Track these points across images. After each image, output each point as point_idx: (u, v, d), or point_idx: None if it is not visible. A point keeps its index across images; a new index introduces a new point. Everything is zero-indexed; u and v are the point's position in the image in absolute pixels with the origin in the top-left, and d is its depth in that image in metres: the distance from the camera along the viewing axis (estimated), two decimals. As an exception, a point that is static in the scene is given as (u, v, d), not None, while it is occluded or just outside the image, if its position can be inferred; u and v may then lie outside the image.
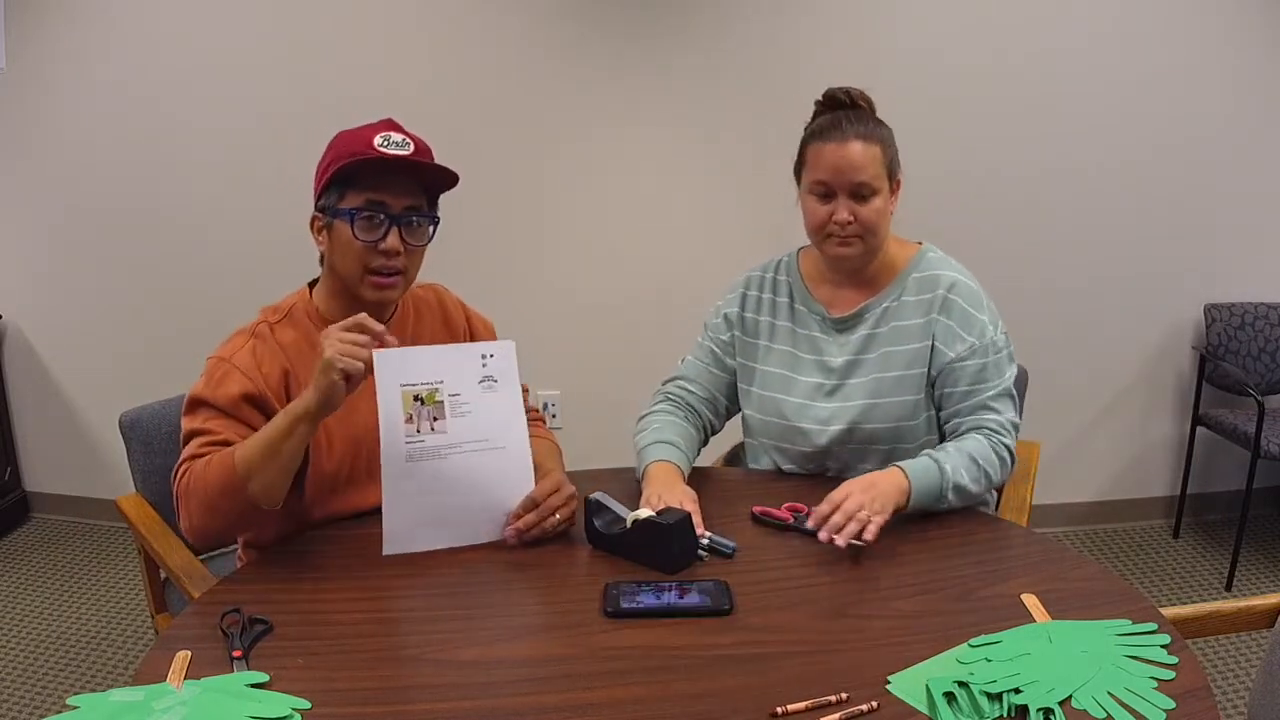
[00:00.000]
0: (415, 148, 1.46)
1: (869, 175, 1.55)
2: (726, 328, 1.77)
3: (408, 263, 1.49)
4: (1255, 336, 3.04)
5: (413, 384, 1.41)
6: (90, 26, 3.00)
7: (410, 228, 1.48)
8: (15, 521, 3.37)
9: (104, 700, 1.05)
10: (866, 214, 1.57)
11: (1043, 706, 1.01)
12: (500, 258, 3.08)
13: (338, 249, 1.48)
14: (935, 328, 1.62)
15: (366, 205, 1.44)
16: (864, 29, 2.92)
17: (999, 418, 1.60)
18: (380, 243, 1.45)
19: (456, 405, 1.42)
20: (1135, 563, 3.04)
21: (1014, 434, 1.62)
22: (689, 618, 1.23)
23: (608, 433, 3.18)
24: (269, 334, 1.51)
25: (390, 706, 1.06)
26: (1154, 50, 2.94)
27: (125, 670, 2.53)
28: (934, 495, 1.50)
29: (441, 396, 1.42)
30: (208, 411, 1.44)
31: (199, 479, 1.38)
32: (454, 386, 1.43)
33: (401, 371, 1.40)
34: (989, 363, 1.61)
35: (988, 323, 1.62)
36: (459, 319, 1.68)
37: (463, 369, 1.44)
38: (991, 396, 1.61)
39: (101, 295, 3.22)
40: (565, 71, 2.96)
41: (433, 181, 1.51)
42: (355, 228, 1.44)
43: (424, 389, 1.41)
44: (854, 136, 1.56)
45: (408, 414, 1.40)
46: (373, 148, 1.43)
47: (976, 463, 1.54)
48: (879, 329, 1.64)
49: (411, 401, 1.40)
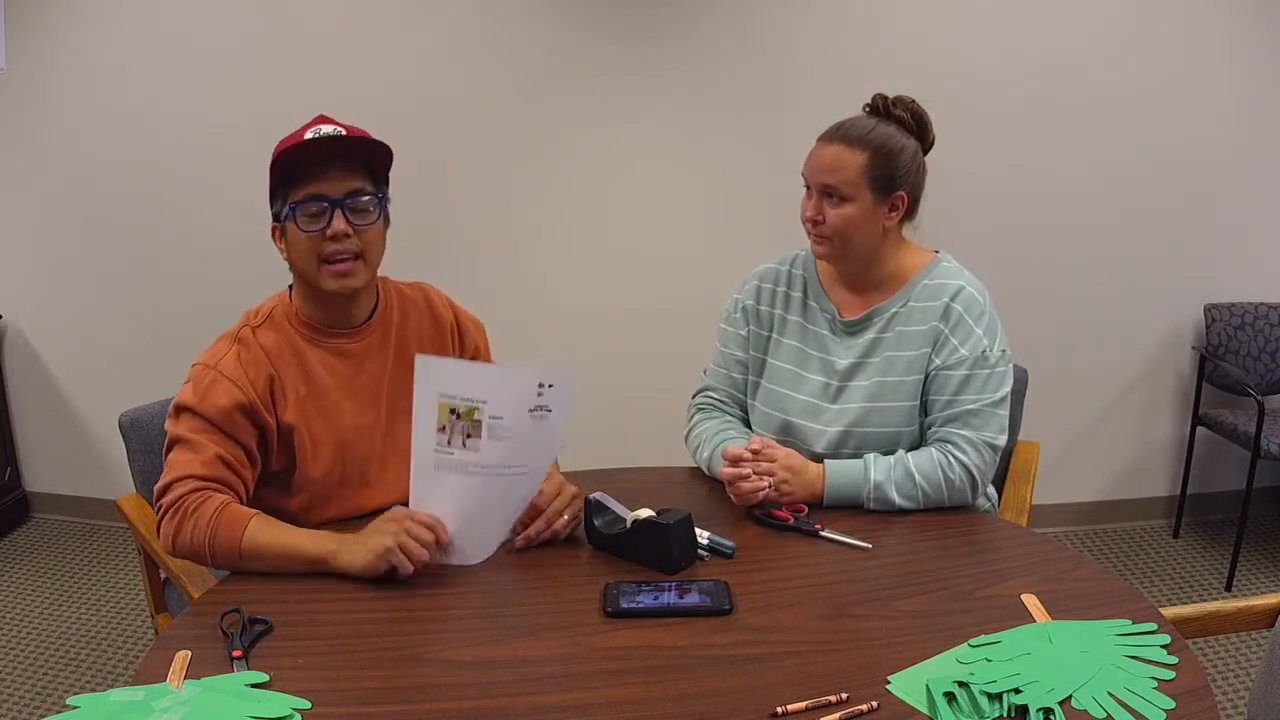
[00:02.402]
0: (346, 133, 1.44)
1: (837, 179, 1.55)
2: (744, 322, 1.77)
3: (363, 245, 1.46)
4: (1255, 336, 3.04)
5: (451, 396, 1.34)
6: (90, 27, 3.00)
7: (355, 210, 1.45)
8: (15, 521, 3.37)
9: (104, 700, 1.05)
10: (832, 217, 1.57)
11: (1043, 706, 1.01)
12: (499, 258, 3.08)
13: (293, 249, 1.47)
14: (936, 334, 1.61)
15: (304, 198, 1.43)
16: (865, 29, 2.92)
17: (970, 434, 1.56)
18: (326, 229, 1.43)
19: (497, 428, 1.35)
20: (1135, 563, 3.04)
21: (986, 454, 1.56)
22: (689, 618, 1.23)
23: (608, 433, 3.18)
24: (252, 338, 1.50)
25: (390, 706, 1.06)
26: (1154, 50, 2.94)
27: (125, 670, 2.53)
28: (852, 499, 1.56)
29: (480, 416, 1.34)
30: (196, 421, 1.43)
31: (204, 523, 1.36)
32: (498, 409, 1.34)
33: (442, 381, 1.34)
34: (975, 376, 1.57)
35: (983, 336, 1.58)
36: (446, 318, 1.66)
37: (513, 394, 1.35)
38: (971, 411, 1.57)
39: (101, 295, 3.22)
40: (564, 71, 2.96)
41: (372, 161, 1.48)
42: (299, 221, 1.43)
43: (463, 404, 1.34)
44: (839, 140, 1.57)
45: (441, 424, 1.34)
46: (304, 140, 1.42)
47: (913, 479, 1.54)
48: (885, 333, 1.64)
49: (447, 414, 1.34)
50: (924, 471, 1.54)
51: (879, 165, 1.55)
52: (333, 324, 1.54)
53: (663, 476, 1.73)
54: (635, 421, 3.14)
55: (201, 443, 1.41)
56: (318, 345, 1.53)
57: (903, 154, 1.57)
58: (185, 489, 1.39)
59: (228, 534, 1.35)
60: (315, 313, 1.53)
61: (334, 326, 1.54)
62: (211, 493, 1.39)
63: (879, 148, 1.56)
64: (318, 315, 1.53)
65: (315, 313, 1.53)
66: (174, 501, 1.38)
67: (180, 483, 1.39)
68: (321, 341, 1.53)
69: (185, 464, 1.41)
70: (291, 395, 1.49)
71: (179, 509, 1.38)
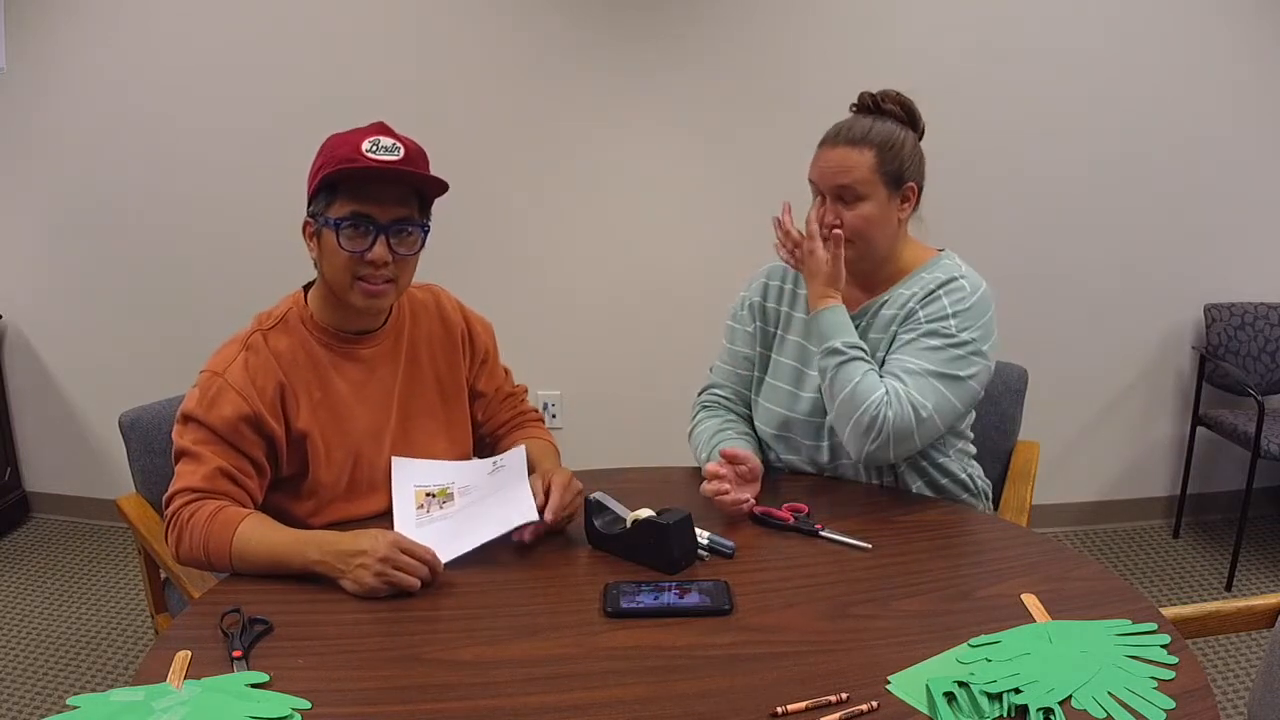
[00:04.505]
0: (405, 152, 1.42)
1: (851, 179, 1.56)
2: (751, 318, 1.77)
3: (398, 270, 1.46)
4: (1255, 336, 3.04)
5: (424, 485, 1.52)
6: (90, 26, 3.00)
7: (399, 237, 1.44)
8: (15, 521, 3.37)
9: (104, 700, 1.05)
10: (851, 218, 1.57)
11: (1043, 706, 1.01)
12: (501, 258, 3.08)
13: (326, 256, 1.45)
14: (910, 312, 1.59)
15: (352, 216, 1.40)
16: (865, 28, 2.92)
17: (896, 386, 1.51)
18: (366, 253, 1.42)
19: (466, 490, 1.52)
20: (1135, 563, 3.04)
21: (903, 411, 1.49)
22: (689, 618, 1.23)
23: (608, 433, 3.19)
24: (262, 344, 1.48)
25: (390, 706, 1.06)
26: (1154, 51, 2.94)
27: (125, 670, 2.53)
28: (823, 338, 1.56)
29: (452, 490, 1.52)
30: (201, 432, 1.42)
31: (198, 531, 1.37)
32: (464, 482, 1.53)
33: (416, 476, 1.52)
34: (925, 341, 1.54)
35: (951, 316, 1.54)
36: (456, 320, 1.66)
37: (474, 469, 1.56)
38: (907, 368, 1.52)
39: (101, 295, 3.22)
40: (565, 72, 2.96)
41: (423, 187, 1.47)
42: (341, 238, 1.41)
43: (435, 488, 1.52)
44: (844, 141, 1.57)
45: (419, 504, 1.48)
46: (360, 153, 1.39)
47: (852, 391, 1.51)
48: (873, 321, 1.64)
49: (423, 496, 1.50)
50: (859, 394, 1.51)
51: (888, 160, 1.56)
52: (349, 330, 1.53)
53: (663, 476, 1.73)
54: (635, 421, 3.14)
55: (204, 455, 1.41)
56: (332, 350, 1.52)
57: (905, 146, 1.59)
58: (182, 501, 1.40)
59: (219, 539, 1.36)
60: (333, 318, 1.52)
61: (350, 332, 1.53)
62: (207, 501, 1.40)
63: (884, 143, 1.57)
64: (335, 320, 1.52)
65: (333, 318, 1.52)
66: (173, 513, 1.40)
67: (180, 495, 1.40)
68: (336, 347, 1.52)
69: (187, 476, 1.41)
70: (304, 400, 1.48)
71: (177, 520, 1.39)
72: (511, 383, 1.77)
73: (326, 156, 1.43)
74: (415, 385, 1.60)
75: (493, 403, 1.72)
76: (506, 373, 1.77)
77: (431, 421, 1.61)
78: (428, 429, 1.60)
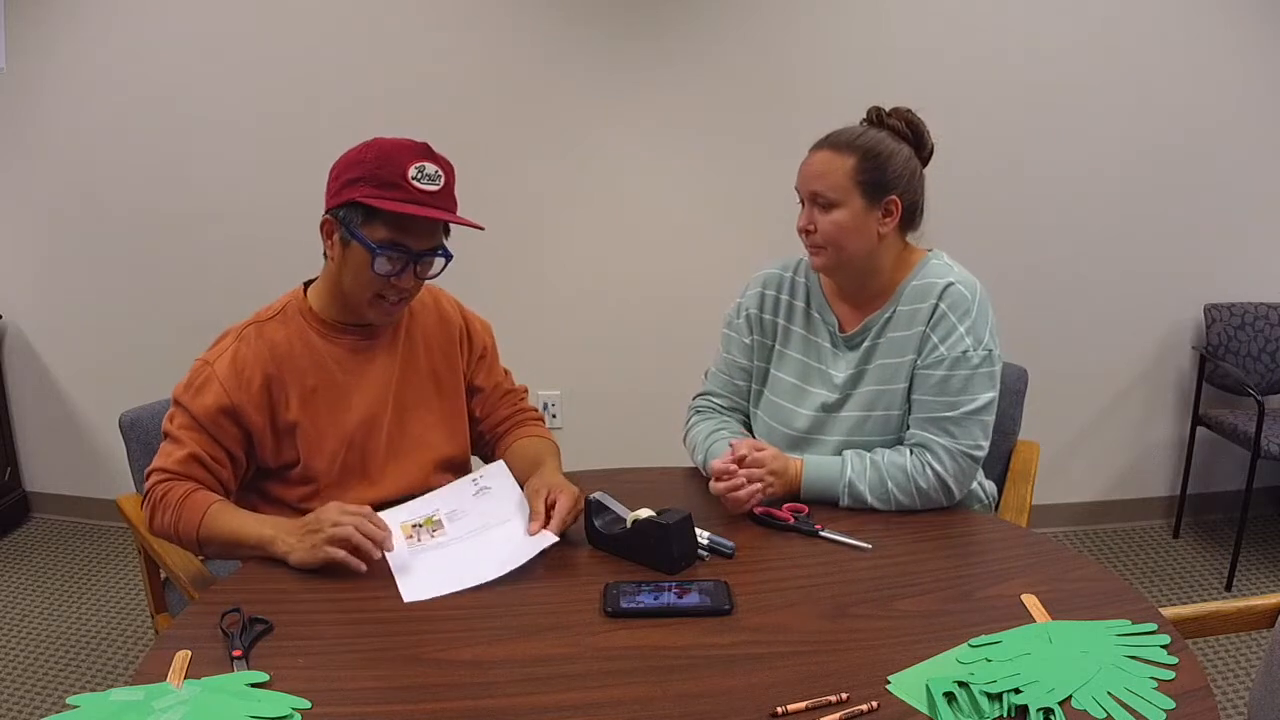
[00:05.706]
0: (445, 180, 1.46)
1: (824, 185, 1.54)
2: (748, 330, 1.75)
3: (416, 290, 1.53)
4: (1255, 336, 3.04)
5: (410, 519, 1.48)
6: (90, 26, 2.99)
7: (425, 263, 1.49)
8: (15, 521, 3.37)
9: (104, 700, 1.05)
10: (823, 224, 1.56)
11: (1043, 706, 1.01)
12: (501, 258, 3.07)
13: (349, 268, 1.47)
14: (922, 338, 1.58)
15: (390, 245, 1.43)
16: (867, 29, 2.92)
17: (947, 443, 1.53)
18: (395, 277, 1.46)
19: (454, 516, 1.49)
20: (1135, 563, 3.04)
21: (964, 463, 1.53)
22: (689, 618, 1.23)
23: (608, 433, 3.19)
24: (255, 336, 1.51)
25: (390, 706, 1.06)
26: (1154, 50, 2.94)
27: (125, 670, 2.53)
28: (828, 495, 1.56)
29: (439, 518, 1.49)
30: (184, 416, 1.48)
31: (170, 510, 1.44)
32: (449, 507, 1.50)
33: (400, 515, 1.47)
34: (955, 377, 1.54)
35: (965, 334, 1.54)
36: (455, 321, 1.68)
37: (455, 492, 1.53)
38: (950, 418, 1.54)
39: (101, 295, 3.22)
40: (566, 71, 2.96)
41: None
42: (375, 263, 1.44)
43: (421, 518, 1.48)
44: (828, 146, 1.57)
45: (408, 536, 1.45)
46: (406, 180, 1.41)
47: (885, 483, 1.53)
48: (878, 340, 1.62)
49: (410, 529, 1.46)
50: (895, 478, 1.53)
51: (867, 169, 1.54)
52: (348, 322, 1.56)
53: (663, 476, 1.73)
54: (635, 421, 3.14)
55: (183, 439, 1.47)
56: (330, 340, 1.55)
57: (893, 158, 1.55)
58: (158, 479, 1.47)
59: (188, 521, 1.43)
60: (335, 311, 1.55)
61: (349, 324, 1.56)
62: (180, 482, 1.46)
63: (867, 151, 1.54)
64: (336, 314, 1.55)
65: (335, 311, 1.55)
66: (150, 488, 1.48)
67: (157, 473, 1.48)
68: (334, 337, 1.55)
69: (164, 456, 1.48)
70: (295, 391, 1.51)
71: (151, 496, 1.47)
72: (511, 382, 1.78)
73: (369, 171, 1.42)
74: (412, 377, 1.61)
75: (491, 398, 1.73)
76: (506, 373, 1.78)
77: (428, 414, 1.62)
78: (424, 421, 1.61)
